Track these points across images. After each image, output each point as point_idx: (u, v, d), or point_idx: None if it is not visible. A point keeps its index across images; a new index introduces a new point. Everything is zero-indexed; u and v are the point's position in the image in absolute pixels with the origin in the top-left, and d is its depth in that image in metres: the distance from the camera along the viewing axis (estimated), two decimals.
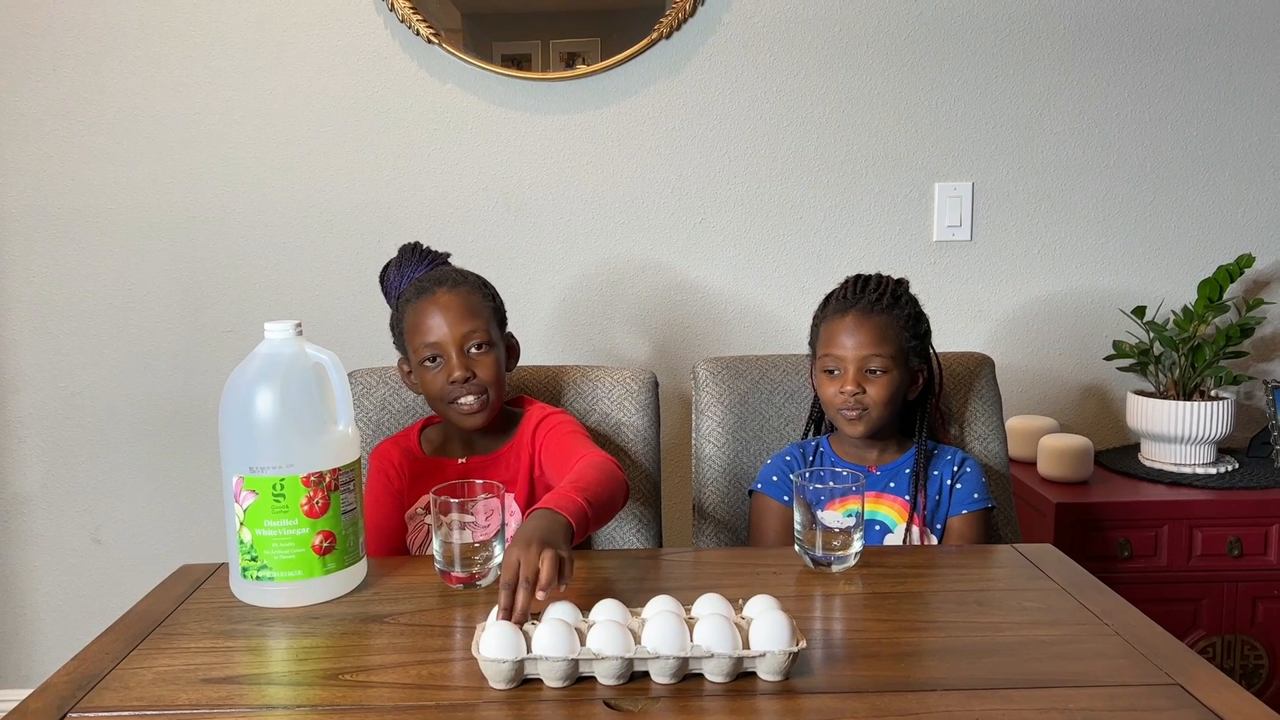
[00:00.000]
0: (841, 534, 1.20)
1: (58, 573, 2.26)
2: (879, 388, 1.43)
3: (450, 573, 1.17)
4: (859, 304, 1.45)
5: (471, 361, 1.41)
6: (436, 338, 1.41)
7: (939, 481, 1.48)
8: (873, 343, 1.43)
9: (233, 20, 2.10)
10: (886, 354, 1.43)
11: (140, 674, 0.98)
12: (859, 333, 1.43)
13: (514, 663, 0.92)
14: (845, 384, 1.43)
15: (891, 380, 1.43)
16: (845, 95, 2.14)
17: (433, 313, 1.41)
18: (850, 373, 1.43)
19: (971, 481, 1.47)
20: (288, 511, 1.12)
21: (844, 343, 1.44)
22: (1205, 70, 2.14)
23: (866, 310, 1.44)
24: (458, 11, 2.11)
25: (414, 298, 1.44)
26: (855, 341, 1.43)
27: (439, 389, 1.42)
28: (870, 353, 1.43)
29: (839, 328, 1.45)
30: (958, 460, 1.49)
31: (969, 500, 1.46)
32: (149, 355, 2.20)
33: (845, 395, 1.43)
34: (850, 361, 1.43)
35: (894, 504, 1.46)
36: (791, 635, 0.94)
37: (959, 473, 1.48)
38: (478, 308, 1.43)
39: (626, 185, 2.16)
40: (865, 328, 1.43)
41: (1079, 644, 1.01)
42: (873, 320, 1.44)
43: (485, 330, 1.42)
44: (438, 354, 1.41)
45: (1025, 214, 2.18)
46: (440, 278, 1.44)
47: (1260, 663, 1.93)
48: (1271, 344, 2.23)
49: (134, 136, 2.14)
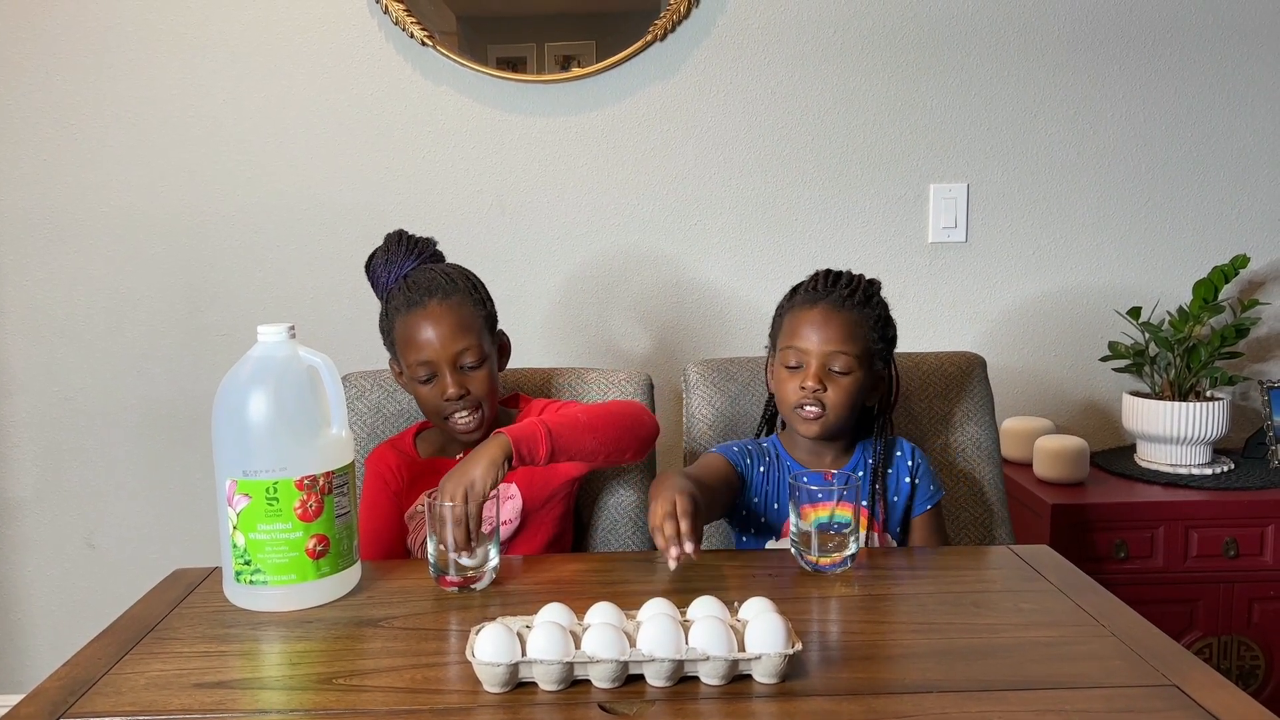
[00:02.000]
0: (837, 536, 1.20)
1: (51, 577, 2.25)
2: (840, 390, 1.35)
3: (444, 576, 1.17)
4: (829, 297, 1.37)
5: (465, 378, 1.40)
6: (429, 356, 1.40)
7: (895, 480, 1.44)
8: (840, 339, 1.35)
9: (227, 24, 2.10)
10: (853, 353, 1.35)
11: (133, 679, 0.97)
12: (827, 327, 1.35)
13: (508, 666, 0.91)
14: (806, 379, 1.35)
15: (854, 382, 1.36)
16: (840, 97, 2.14)
17: (424, 327, 1.39)
18: (813, 368, 1.35)
19: (928, 475, 1.45)
20: (281, 515, 1.12)
21: (809, 336, 1.36)
22: (1200, 71, 2.15)
23: (837, 304, 1.37)
24: (452, 14, 2.11)
25: (404, 308, 1.42)
26: (822, 336, 1.35)
27: (433, 405, 1.42)
28: (836, 349, 1.35)
29: (805, 319, 1.37)
30: (909, 453, 1.45)
31: (928, 496, 1.44)
32: (143, 359, 2.19)
33: (805, 391, 1.35)
34: (814, 356, 1.35)
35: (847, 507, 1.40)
36: (787, 638, 0.93)
37: (915, 466, 1.44)
38: (469, 321, 1.41)
39: (621, 187, 2.15)
40: (834, 323, 1.35)
41: (1075, 645, 1.01)
42: (842, 316, 1.36)
43: (477, 345, 1.41)
44: (431, 372, 1.40)
45: (1020, 215, 2.18)
46: (431, 285, 1.41)
47: (1256, 663, 1.93)
48: (1267, 344, 2.23)
49: (128, 140, 2.13)
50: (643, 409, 1.42)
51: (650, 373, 1.71)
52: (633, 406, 1.41)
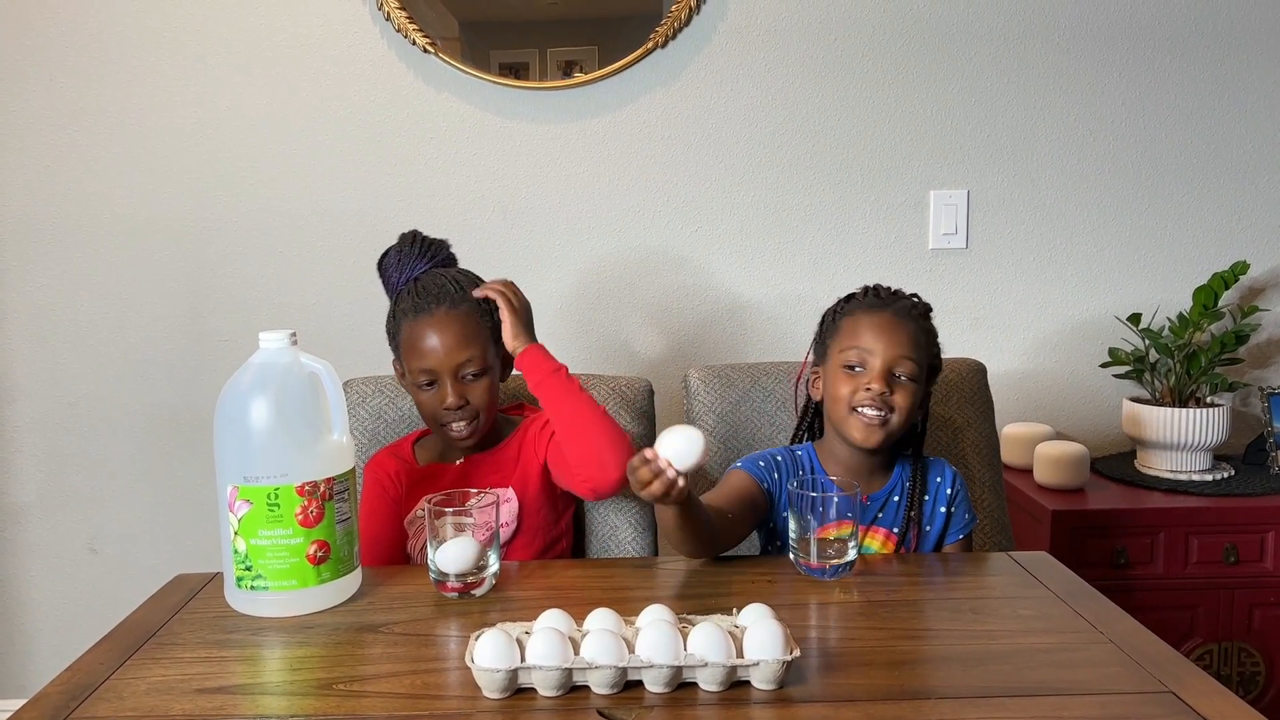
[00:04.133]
0: (836, 543, 1.20)
1: (53, 582, 2.26)
2: (906, 395, 1.31)
3: (445, 582, 1.17)
4: (894, 306, 1.35)
5: (465, 388, 1.41)
6: (432, 363, 1.40)
7: (931, 508, 1.39)
8: (908, 345, 1.32)
9: (230, 31, 2.11)
10: (919, 361, 1.33)
11: (134, 684, 0.98)
12: (895, 333, 1.32)
13: (508, 672, 0.92)
14: (872, 381, 1.30)
15: (916, 393, 1.33)
16: (841, 103, 2.14)
17: (429, 335, 1.40)
18: (879, 369, 1.30)
19: (965, 503, 1.41)
20: (282, 521, 1.12)
21: (877, 338, 1.31)
22: (1200, 77, 2.15)
23: (902, 314, 1.34)
24: (455, 21, 2.11)
25: (412, 313, 1.42)
26: (890, 340, 1.31)
27: (431, 411, 1.42)
28: (904, 354, 1.31)
29: (871, 323, 1.33)
30: (949, 480, 1.40)
31: (962, 525, 1.41)
32: (145, 364, 2.20)
33: (870, 394, 1.29)
34: (880, 358, 1.31)
35: (877, 535, 1.38)
36: (785, 644, 0.94)
37: (954, 495, 1.40)
38: (474, 333, 1.41)
39: (623, 194, 2.16)
40: (901, 330, 1.32)
41: (1074, 652, 1.02)
42: (909, 325, 1.33)
43: (481, 357, 1.41)
44: (433, 379, 1.41)
45: (1021, 221, 2.19)
46: (440, 293, 1.41)
47: (1257, 670, 1.93)
48: (1267, 351, 2.23)
49: (131, 146, 2.14)
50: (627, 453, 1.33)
51: (650, 378, 1.71)
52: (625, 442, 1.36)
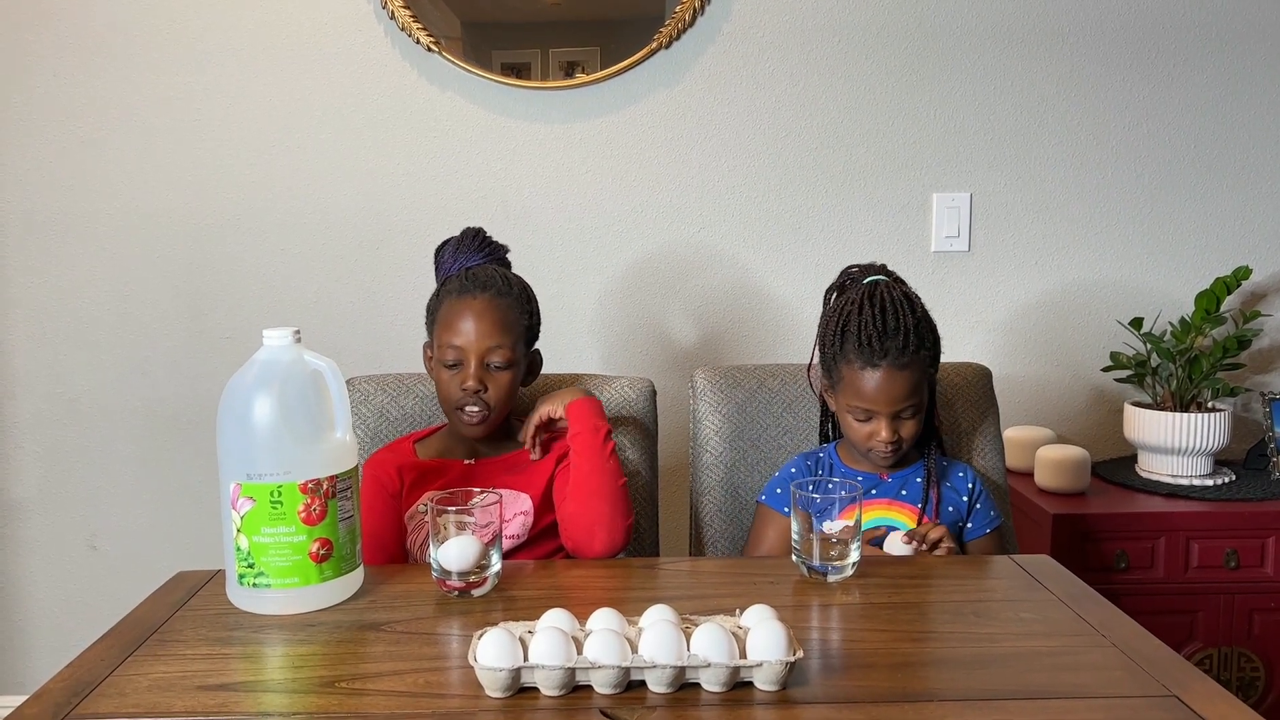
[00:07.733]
0: (839, 544, 1.20)
1: (54, 579, 2.26)
2: (912, 427, 1.43)
3: (447, 580, 1.17)
4: (888, 357, 1.39)
5: (487, 376, 1.42)
6: (461, 343, 1.42)
7: (954, 497, 1.48)
8: (907, 395, 1.41)
9: (233, 28, 2.11)
10: (920, 397, 1.43)
11: (136, 681, 0.97)
12: (892, 388, 1.40)
13: (510, 671, 0.92)
14: (881, 432, 1.41)
15: (922, 415, 1.44)
16: (844, 105, 2.14)
17: (466, 316, 1.43)
18: (885, 420, 1.41)
19: (989, 501, 1.50)
20: (285, 518, 1.12)
21: (876, 398, 1.40)
22: (1203, 82, 2.15)
23: (897, 363, 1.39)
24: (458, 20, 2.11)
25: (455, 292, 1.45)
26: (889, 397, 1.40)
27: (449, 391, 1.44)
28: (906, 401, 1.41)
29: (869, 382, 1.40)
30: (969, 478, 1.50)
31: (988, 520, 1.49)
32: (147, 361, 2.20)
33: (882, 440, 1.42)
34: (885, 414, 1.41)
35: (904, 510, 1.47)
36: (788, 645, 0.94)
37: (975, 490, 1.49)
38: (511, 324, 1.44)
39: (625, 194, 2.16)
40: (898, 382, 1.40)
41: (1075, 655, 1.02)
42: (904, 374, 1.40)
43: (510, 349, 1.43)
44: (459, 359, 1.42)
45: (1023, 225, 2.19)
46: (487, 281, 1.45)
47: (1257, 675, 1.93)
48: (1268, 356, 2.23)
49: (133, 142, 2.14)
50: (620, 537, 1.37)
51: (653, 378, 1.71)
52: (621, 526, 1.37)
